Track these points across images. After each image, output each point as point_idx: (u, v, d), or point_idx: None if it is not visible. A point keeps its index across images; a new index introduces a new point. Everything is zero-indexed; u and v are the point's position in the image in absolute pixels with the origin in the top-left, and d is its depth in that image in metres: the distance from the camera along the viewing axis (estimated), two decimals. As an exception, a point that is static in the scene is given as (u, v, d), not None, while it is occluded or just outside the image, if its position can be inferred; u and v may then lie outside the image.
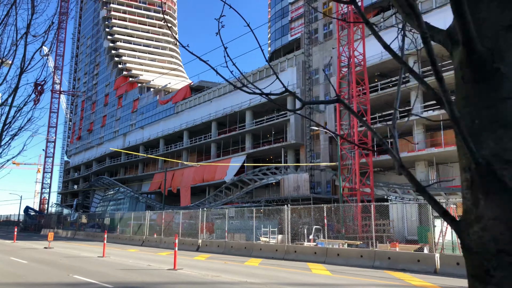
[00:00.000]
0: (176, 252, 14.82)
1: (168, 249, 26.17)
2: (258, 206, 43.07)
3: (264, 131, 54.45)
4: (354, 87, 36.99)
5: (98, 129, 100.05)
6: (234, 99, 59.72)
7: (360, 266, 16.01)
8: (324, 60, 48.09)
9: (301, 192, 42.07)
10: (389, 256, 15.82)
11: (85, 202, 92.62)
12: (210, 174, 58.84)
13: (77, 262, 16.69)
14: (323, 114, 46.66)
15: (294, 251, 19.24)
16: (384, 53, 41.51)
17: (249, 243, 22.21)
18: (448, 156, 36.63)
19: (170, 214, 39.02)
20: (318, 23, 49.84)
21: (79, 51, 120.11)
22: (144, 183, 78.60)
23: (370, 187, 36.80)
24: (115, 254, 20.85)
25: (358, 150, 36.77)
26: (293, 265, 16.39)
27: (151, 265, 15.54)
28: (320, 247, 18.82)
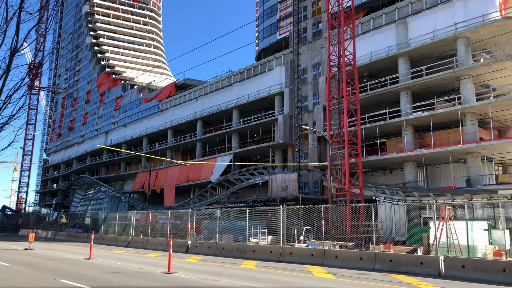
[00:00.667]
0: (170, 255, 14.01)
1: (155, 251, 25.27)
2: (245, 207, 42.37)
3: (251, 130, 53.80)
4: (344, 87, 36.62)
5: (79, 127, 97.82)
6: (220, 98, 58.91)
7: (360, 268, 15.49)
8: (313, 59, 47.71)
9: (290, 192, 41.56)
10: (390, 258, 15.34)
11: (64, 201, 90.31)
12: (196, 173, 57.88)
13: (63, 264, 15.73)
14: (311, 114, 46.28)
15: (289, 253, 18.62)
16: (373, 54, 41.38)
17: (241, 245, 21.49)
18: (437, 157, 36.64)
19: (157, 215, 37.96)
20: (307, 22, 49.46)
21: (60, 47, 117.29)
22: (127, 183, 77.04)
23: (359, 188, 36.48)
24: (101, 256, 19.90)
25: (348, 150, 36.40)
26: (292, 268, 15.78)
27: (143, 268, 14.71)
28: (318, 249, 18.25)
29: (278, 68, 50.80)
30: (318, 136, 43.74)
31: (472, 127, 34.01)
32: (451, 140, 36.65)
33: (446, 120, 36.56)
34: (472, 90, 34.61)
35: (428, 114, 35.52)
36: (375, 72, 42.96)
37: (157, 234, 31.33)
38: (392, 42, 40.56)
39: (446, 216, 19.64)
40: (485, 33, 34.56)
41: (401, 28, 40.14)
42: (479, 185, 32.68)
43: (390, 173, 42.80)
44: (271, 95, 50.55)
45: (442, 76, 35.43)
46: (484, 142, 32.08)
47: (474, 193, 31.77)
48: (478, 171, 33.59)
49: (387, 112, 38.91)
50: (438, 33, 36.96)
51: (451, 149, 33.58)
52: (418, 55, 38.85)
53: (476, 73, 34.55)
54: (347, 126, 37.02)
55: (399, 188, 36.61)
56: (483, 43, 36.02)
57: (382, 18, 42.25)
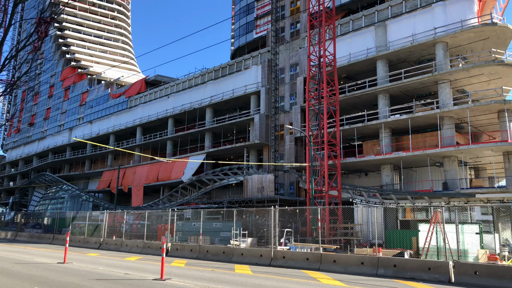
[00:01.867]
0: (163, 260, 12.72)
1: (132, 253, 23.73)
2: (220, 207, 41.21)
3: (225, 130, 52.63)
4: (325, 87, 36.18)
5: (40, 122, 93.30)
6: (193, 95, 57.39)
7: (362, 274, 14.76)
8: (291, 59, 47.12)
9: (266, 193, 40.70)
10: (395, 263, 14.69)
11: (22, 200, 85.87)
12: (166, 173, 56.06)
13: (36, 270, 14.15)
14: (288, 114, 45.64)
15: (282, 256, 17.68)
16: (352, 55, 41.21)
17: (228, 248, 20.35)
18: (414, 161, 36.78)
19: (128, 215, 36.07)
20: (285, 21, 48.85)
21: (21, 38, 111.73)
22: (91, 181, 73.98)
23: (337, 190, 36.10)
24: (76, 260, 18.27)
25: (327, 152, 35.96)
26: (291, 273, 14.79)
27: (130, 274, 13.35)
28: (314, 253, 17.41)
29: (254, 67, 49.91)
30: (295, 137, 43.13)
31: (449, 131, 34.32)
32: (427, 143, 36.90)
33: (423, 123, 36.79)
34: (450, 95, 34.94)
35: (406, 117, 35.58)
36: (353, 74, 42.84)
37: (131, 235, 29.67)
38: (371, 44, 40.53)
39: (439, 219, 19.29)
40: (463, 38, 35.00)
41: (380, 31, 40.17)
42: (456, 188, 32.95)
43: (366, 175, 42.75)
44: (246, 94, 49.60)
45: (420, 80, 35.58)
46: (462, 146, 32.36)
47: (452, 196, 31.99)
48: (455, 175, 33.89)
49: (365, 114, 38.79)
50: (417, 37, 37.17)
51: (430, 152, 33.72)
52: (396, 58, 38.97)
53: (454, 78, 34.90)
54: (327, 127, 36.61)
55: (376, 190, 36.52)
56: (460, 48, 36.50)
57: (362, 20, 42.18)
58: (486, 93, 36.43)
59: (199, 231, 34.62)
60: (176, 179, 53.31)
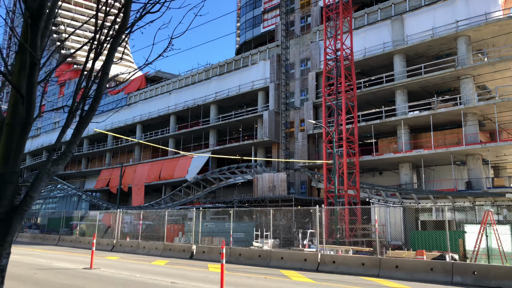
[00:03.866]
0: (223, 266, 10.98)
1: (151, 256, 21.86)
2: (228, 207, 39.47)
3: (230, 127, 50.89)
4: (343, 82, 34.73)
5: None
6: (197, 92, 55.55)
7: (433, 281, 13.21)
8: (301, 54, 45.58)
9: (278, 192, 39.10)
10: (474, 270, 13.14)
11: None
12: (169, 171, 54.15)
13: (64, 277, 12.38)
14: (298, 111, 44.11)
15: (332, 261, 16.04)
16: (367, 50, 39.82)
17: (265, 251, 18.59)
18: (433, 159, 35.45)
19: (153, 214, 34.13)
20: (295, 15, 47.28)
21: (14, 33, 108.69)
22: (88, 180, 71.71)
23: (355, 189, 34.64)
24: (101, 264, 16.41)
25: (346, 149, 34.50)
26: (356, 281, 13.06)
27: (178, 283, 11.62)
28: (371, 257, 15.79)
29: (262, 62, 48.27)
30: (308, 134, 41.55)
31: (473, 128, 33.03)
32: (447, 141, 35.65)
33: (444, 120, 35.48)
34: (474, 90, 33.69)
35: (428, 114, 34.18)
36: (367, 70, 41.43)
37: (141, 237, 27.84)
38: (387, 39, 39.16)
39: (491, 220, 17.86)
40: (487, 32, 33.75)
41: (397, 24, 38.81)
42: (480, 187, 31.70)
43: (380, 174, 41.37)
44: (254, 90, 47.94)
45: (442, 75, 34.26)
46: (489, 144, 31.09)
47: (478, 196, 30.67)
48: (479, 174, 32.62)
49: (383, 110, 37.35)
50: (437, 30, 35.85)
51: (453, 150, 32.40)
52: (414, 53, 37.63)
53: (477, 73, 33.65)
54: (341, 124, 35.18)
55: (396, 189, 35.12)
56: (482, 42, 35.28)
57: (377, 13, 40.78)
58: (505, 89, 35.20)
59: (213, 231, 33.04)
60: (180, 177, 51.44)
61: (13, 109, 3.88)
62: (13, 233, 3.84)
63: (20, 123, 3.85)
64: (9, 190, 3.77)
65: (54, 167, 4.11)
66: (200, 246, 21.40)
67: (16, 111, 3.86)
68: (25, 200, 3.85)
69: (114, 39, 4.44)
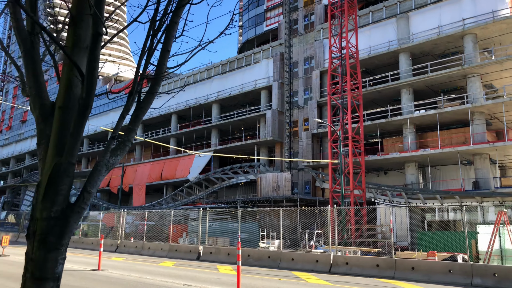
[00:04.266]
0: (239, 269, 10.49)
1: (158, 257, 21.36)
2: (232, 207, 39.00)
3: (233, 126, 50.42)
4: (348, 80, 34.32)
5: (33, 119, 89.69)
6: (199, 91, 55.07)
7: (452, 284, 12.77)
8: (305, 52, 45.14)
9: (281, 192, 38.62)
10: (495, 272, 12.71)
11: (15, 200, 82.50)
12: (170, 171, 53.66)
13: (73, 279, 11.91)
14: (302, 110, 43.67)
15: (345, 263, 15.59)
16: (372, 48, 39.41)
17: (274, 252, 18.15)
18: (439, 159, 35.05)
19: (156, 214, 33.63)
20: (298, 13, 46.84)
21: (12, 32, 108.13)
22: (88, 180, 71.08)
23: (361, 189, 34.22)
24: (108, 266, 15.91)
25: (352, 149, 34.08)
26: (372, 283, 12.60)
27: (191, 286, 11.17)
28: (385, 258, 15.36)
29: (265, 61, 47.83)
30: (312, 133, 41.09)
31: (480, 127, 32.63)
32: (454, 140, 35.26)
33: (450, 119, 35.08)
34: (481, 89, 33.31)
35: (434, 113, 33.76)
36: (372, 68, 41.01)
37: (151, 237, 27.39)
38: (392, 37, 38.76)
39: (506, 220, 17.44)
40: (494, 30, 33.37)
41: (402, 22, 38.41)
42: (487, 187, 31.30)
43: (385, 174, 40.94)
44: (257, 89, 47.49)
45: (449, 74, 33.84)
46: (497, 143, 30.70)
47: (486, 196, 30.26)
48: (486, 173, 32.21)
49: (388, 109, 36.94)
50: (444, 29, 35.45)
51: (460, 149, 31.98)
52: (420, 51, 37.22)
53: (484, 71, 33.25)
54: (346, 123, 34.77)
55: (402, 189, 34.69)
56: (489, 41, 34.90)
57: (382, 11, 40.36)
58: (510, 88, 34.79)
59: (216, 232, 32.56)
60: (182, 177, 50.94)
61: (66, 90, 3.41)
62: (70, 234, 3.36)
63: (79, 106, 3.36)
64: (64, 184, 3.32)
65: (113, 158, 3.61)
66: (206, 247, 20.92)
67: (70, 93, 3.39)
68: (83, 196, 3.41)
69: (175, 12, 3.91)
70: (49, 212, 3.22)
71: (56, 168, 3.27)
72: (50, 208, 3.22)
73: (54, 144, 3.33)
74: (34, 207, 3.31)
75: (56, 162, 3.28)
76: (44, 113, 3.69)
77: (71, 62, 3.37)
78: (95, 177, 3.49)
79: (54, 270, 3.20)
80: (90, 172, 3.52)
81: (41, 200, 3.26)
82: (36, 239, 3.20)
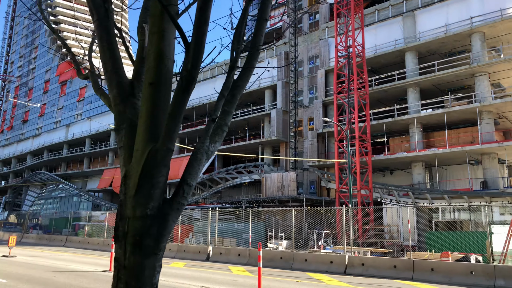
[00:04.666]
0: (261, 270, 10.21)
1: (167, 258, 20.97)
2: (237, 207, 38.74)
3: (236, 126, 50.12)
4: (355, 79, 34.05)
5: (35, 119, 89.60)
6: (202, 90, 54.69)
7: (474, 286, 12.48)
8: (309, 51, 44.87)
9: (287, 192, 38.34)
10: None
11: (16, 200, 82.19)
12: (173, 171, 53.14)
13: (86, 280, 11.62)
14: (307, 109, 43.38)
15: (360, 264, 15.31)
16: (378, 47, 39.14)
17: (287, 253, 17.85)
18: (447, 158, 34.77)
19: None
20: (302, 12, 46.54)
21: (14, 32, 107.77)
22: (90, 180, 70.90)
23: (368, 189, 33.94)
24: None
25: (359, 148, 33.82)
26: (392, 285, 12.33)
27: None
28: (403, 259, 15.10)
29: (268, 60, 47.50)
30: (317, 132, 40.80)
31: (488, 126, 32.34)
32: (461, 140, 34.97)
33: (457, 119, 34.80)
34: (489, 88, 33.03)
35: (442, 112, 33.47)
36: (378, 67, 40.72)
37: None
38: (398, 36, 38.47)
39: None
40: (502, 28, 33.09)
41: (409, 21, 38.13)
42: (496, 187, 31.03)
43: (391, 174, 40.66)
44: (261, 88, 47.22)
45: (456, 72, 33.54)
46: (507, 142, 30.44)
47: (495, 196, 29.95)
48: (495, 173, 31.91)
49: (395, 109, 36.66)
50: (451, 27, 35.17)
51: (468, 149, 31.69)
52: (426, 50, 36.94)
53: (492, 70, 32.96)
54: (353, 122, 34.50)
55: (409, 189, 34.40)
56: (496, 39, 34.62)
57: (388, 10, 40.08)
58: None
59: (221, 232, 32.25)
60: (185, 177, 50.58)
61: (157, 64, 2.86)
62: (168, 236, 2.88)
63: (181, 80, 2.86)
64: (162, 176, 2.87)
65: (212, 146, 3.18)
66: (216, 247, 20.63)
67: (162, 66, 2.88)
68: (182, 190, 2.94)
69: None
70: (145, 209, 2.75)
71: (152, 156, 2.78)
72: (146, 204, 2.75)
73: (145, 127, 2.83)
74: (123, 204, 2.82)
75: (151, 149, 2.78)
76: (123, 92, 3.21)
77: (175, 27, 2.87)
78: (195, 167, 3.02)
79: (152, 280, 2.75)
80: (188, 162, 3.05)
81: (133, 195, 2.76)
82: (128, 242, 2.71)
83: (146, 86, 2.88)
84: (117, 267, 2.77)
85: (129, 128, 3.07)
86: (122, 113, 3.16)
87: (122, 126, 3.13)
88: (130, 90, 3.24)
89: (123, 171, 2.92)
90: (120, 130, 3.13)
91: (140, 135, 2.82)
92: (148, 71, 2.90)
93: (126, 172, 2.85)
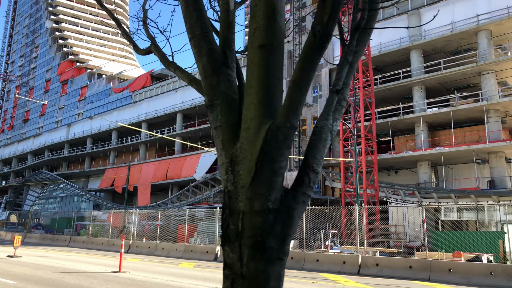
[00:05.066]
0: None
1: (173, 258, 20.75)
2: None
3: (240, 125, 49.80)
4: (360, 77, 33.78)
5: (36, 118, 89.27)
6: (205, 90, 54.49)
7: (492, 286, 12.20)
8: (313, 50, 44.54)
9: (292, 192, 37.97)
10: None
11: (17, 199, 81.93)
12: (176, 170, 53.09)
13: (96, 282, 11.33)
14: (311, 108, 43.09)
15: (375, 264, 15.04)
16: (383, 45, 38.85)
17: (298, 253, 17.57)
18: (453, 157, 34.50)
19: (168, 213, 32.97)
20: (306, 10, 46.31)
21: (14, 31, 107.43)
22: (92, 179, 70.59)
23: (374, 188, 33.66)
24: (128, 268, 15.34)
25: (365, 147, 33.55)
26: (410, 286, 12.03)
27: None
28: (419, 259, 14.83)
29: (272, 59, 47.24)
30: (322, 131, 40.47)
31: (495, 125, 32.06)
32: (467, 138, 34.69)
33: (464, 117, 34.52)
34: (496, 86, 32.75)
35: (448, 110, 33.20)
36: (382, 66, 40.43)
37: (160, 237, 26.82)
38: (403, 34, 38.17)
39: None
40: (509, 26, 32.82)
41: (414, 19, 37.85)
42: (503, 186, 30.76)
43: (396, 173, 40.39)
44: (264, 87, 46.90)
45: (462, 71, 33.27)
46: (515, 141, 30.14)
47: (503, 195, 29.66)
48: (502, 172, 31.64)
49: (400, 107, 36.37)
50: (457, 25, 34.88)
51: (475, 147, 31.42)
52: (432, 48, 36.66)
53: (499, 68, 32.70)
54: (359, 121, 34.22)
55: (415, 188, 34.12)
56: (503, 37, 34.35)
57: (393, 8, 39.74)
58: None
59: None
60: (188, 177, 50.39)
61: (269, 22, 2.35)
62: (293, 235, 2.34)
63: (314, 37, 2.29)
64: (284, 160, 2.33)
65: (335, 123, 2.63)
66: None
67: (274, 24, 2.36)
68: (308, 178, 2.39)
69: None
70: (266, 201, 2.23)
71: (272, 134, 2.24)
72: (267, 196, 2.24)
73: (258, 100, 2.33)
74: (232, 195, 2.28)
75: (270, 126, 2.25)
76: (215, 61, 2.75)
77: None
78: (321, 149, 2.47)
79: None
80: (310, 144, 2.50)
81: (249, 184, 2.23)
82: (245, 244, 2.18)
83: (255, 50, 2.39)
84: (230, 276, 2.24)
85: (226, 104, 2.62)
86: (214, 87, 2.70)
87: (217, 102, 2.66)
88: (223, 58, 2.80)
89: (224, 156, 2.45)
90: (215, 107, 2.65)
91: (250, 110, 2.33)
92: (256, 31, 2.41)
93: (233, 157, 2.36)
